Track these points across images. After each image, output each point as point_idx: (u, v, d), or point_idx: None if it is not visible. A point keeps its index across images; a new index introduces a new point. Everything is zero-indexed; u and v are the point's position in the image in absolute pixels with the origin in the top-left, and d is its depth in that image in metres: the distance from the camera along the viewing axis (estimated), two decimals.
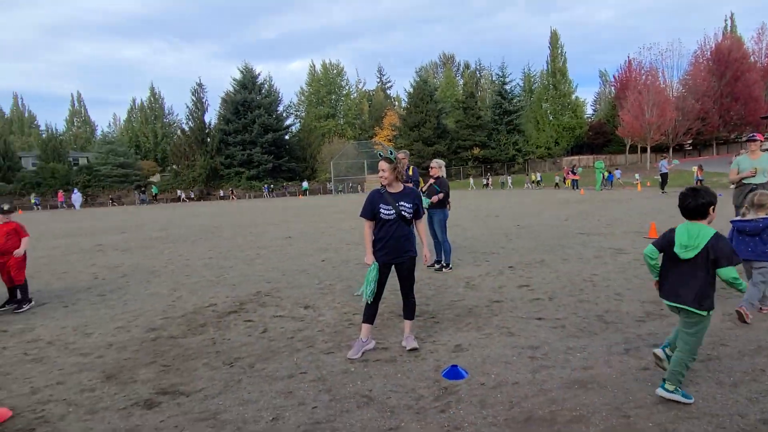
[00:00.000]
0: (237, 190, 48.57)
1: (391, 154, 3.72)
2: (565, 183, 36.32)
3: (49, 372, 3.61)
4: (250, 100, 51.45)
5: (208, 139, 52.23)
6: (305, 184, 50.19)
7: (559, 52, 54.05)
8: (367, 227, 3.74)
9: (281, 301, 5.47)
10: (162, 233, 14.07)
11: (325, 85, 64.32)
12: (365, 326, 3.75)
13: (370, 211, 3.70)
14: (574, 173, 33.30)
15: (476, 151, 53.68)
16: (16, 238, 5.47)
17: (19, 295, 5.52)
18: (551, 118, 53.58)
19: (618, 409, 2.66)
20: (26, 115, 61.81)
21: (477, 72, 72.99)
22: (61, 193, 41.34)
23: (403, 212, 3.66)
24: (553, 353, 3.52)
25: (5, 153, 47.98)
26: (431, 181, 6.81)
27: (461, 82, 67.10)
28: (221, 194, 48.05)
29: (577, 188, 31.38)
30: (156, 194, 48.24)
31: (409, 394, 2.99)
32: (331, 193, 48.41)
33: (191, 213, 25.16)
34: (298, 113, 64.46)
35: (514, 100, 55.53)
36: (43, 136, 55.93)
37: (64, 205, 39.81)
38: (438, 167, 6.84)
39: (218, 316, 4.95)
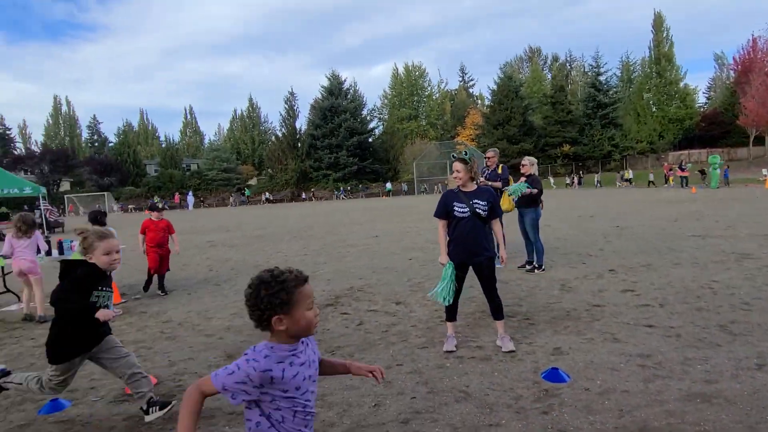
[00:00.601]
0: (324, 191, 51.09)
1: (466, 155, 3.73)
2: (667, 181, 32.74)
3: (182, 349, 4.16)
4: (336, 105, 53.80)
5: (299, 144, 55.64)
6: (389, 185, 51.20)
7: (665, 35, 48.86)
8: (440, 227, 3.79)
9: (373, 297, 5.69)
10: (261, 232, 15.32)
11: (408, 87, 64.98)
12: (449, 324, 3.85)
13: (443, 210, 3.75)
14: (683, 169, 29.84)
15: (566, 148, 50.48)
16: (167, 233, 6.47)
17: (151, 283, 6.48)
18: (654, 109, 48.58)
19: (753, 428, 2.39)
20: (149, 127, 70.95)
21: (567, 64, 68.73)
22: (177, 195, 46.84)
23: (477, 209, 3.64)
24: (667, 363, 3.25)
25: (134, 161, 55.76)
26: (522, 179, 6.61)
27: (549, 75, 63.63)
28: (303, 196, 51.03)
29: (687, 186, 28.11)
30: (249, 196, 52.55)
31: (507, 393, 2.96)
32: (414, 194, 48.81)
33: (284, 214, 26.99)
34: (381, 116, 65.90)
35: (610, 92, 51.32)
36: (163, 145, 63.80)
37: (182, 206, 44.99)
38: (529, 164, 6.62)
39: (317, 308, 5.29)
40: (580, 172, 46.58)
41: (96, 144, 63.94)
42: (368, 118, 59.24)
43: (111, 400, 3.18)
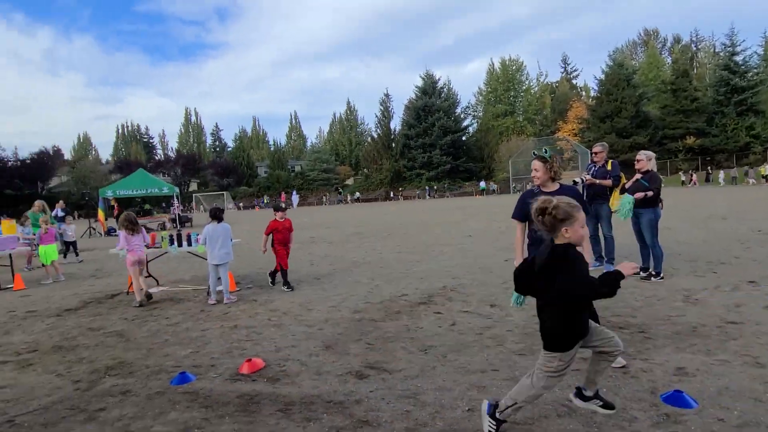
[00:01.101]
0: (414, 190, 51.53)
1: (546, 152, 3.52)
2: None
3: (286, 336, 4.48)
4: (430, 104, 53.82)
5: (393, 144, 56.75)
6: (482, 183, 49.85)
7: None
8: (518, 230, 3.60)
9: (467, 297, 5.57)
10: (358, 229, 15.91)
11: (504, 82, 62.56)
12: None
13: (521, 212, 3.54)
14: None
15: (690, 140, 44.38)
16: (290, 231, 6.81)
17: (275, 277, 6.88)
18: None
19: None
20: (260, 133, 77.93)
21: (692, 45, 60.46)
22: (283, 194, 50.84)
23: None
24: None
25: (248, 164, 61.80)
26: (637, 176, 5.95)
27: (669, 60, 56.51)
28: (391, 195, 51.91)
29: None
30: (342, 194, 54.97)
31: (618, 413, 2.68)
32: (509, 192, 46.85)
33: (378, 212, 27.71)
34: (476, 113, 64.35)
35: (749, 74, 43.94)
36: (271, 149, 69.65)
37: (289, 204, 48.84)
38: (646, 159, 5.93)
39: (410, 306, 5.34)
40: (709, 167, 40.58)
41: (217, 149, 71.98)
42: (462, 116, 58.27)
43: (227, 378, 3.54)
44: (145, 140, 71.73)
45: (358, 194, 53.50)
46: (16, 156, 50.58)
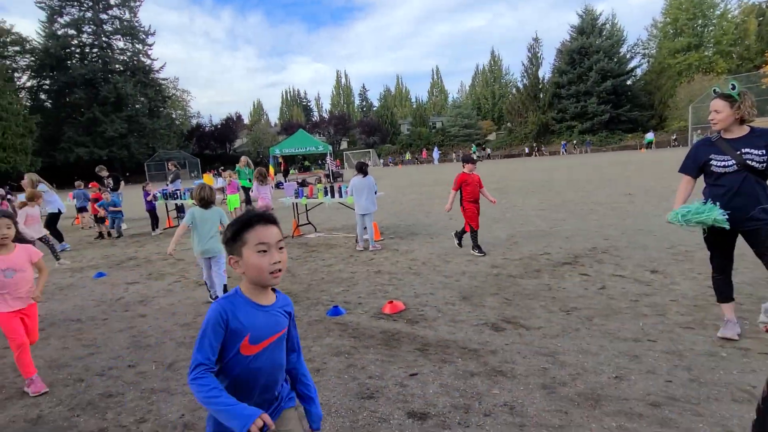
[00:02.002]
0: (559, 146, 46.91)
1: (734, 89, 2.75)
2: None
3: (424, 284, 4.70)
4: (587, 45, 47.20)
5: (541, 95, 52.00)
6: (649, 135, 42.64)
7: None
8: (683, 184, 3.03)
9: (621, 261, 5.01)
10: (498, 185, 15.37)
11: (688, 9, 50.88)
12: (725, 306, 3.05)
13: (693, 165, 2.94)
14: None
15: None
16: (480, 187, 5.89)
17: (461, 238, 6.23)
18: None
19: None
20: (403, 90, 79.08)
21: None
22: (424, 150, 51.56)
23: (749, 160, 2.69)
24: None
25: (391, 122, 64.00)
26: None
27: None
28: (526, 150, 47.82)
29: None
30: (474, 151, 52.88)
31: None
32: (687, 145, 39.24)
33: (520, 168, 26.17)
34: (647, 51, 54.26)
35: None
36: (414, 106, 70.54)
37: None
38: None
39: (553, 265, 5.04)
40: None
41: (364, 108, 75.78)
42: (627, 56, 49.74)
43: (372, 315, 3.91)
44: (303, 103, 79.32)
45: (489, 151, 50.96)
46: (211, 122, 61.97)
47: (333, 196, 7.74)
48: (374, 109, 74.36)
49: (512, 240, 6.53)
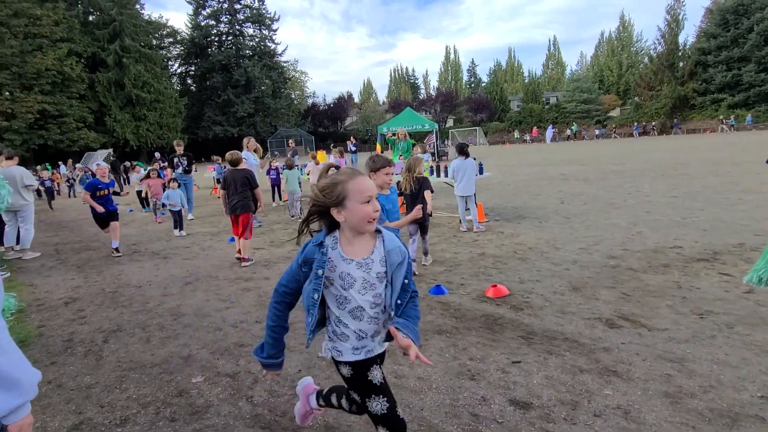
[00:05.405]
0: (700, 122, 40.15)
1: None
2: None
3: (530, 270, 4.51)
4: (748, 2, 39.20)
5: (680, 63, 44.90)
6: None
7: None
8: None
9: None
10: (619, 167, 13.88)
11: None
12: None
13: None
14: None
15: None
16: None
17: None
18: None
19: None
20: (515, 65, 74.39)
21: None
22: (535, 129, 48.41)
23: None
24: None
25: (500, 98, 60.93)
26: None
27: None
28: (640, 130, 41.53)
29: None
30: (575, 130, 47.47)
31: None
32: None
33: (649, 148, 23.17)
34: None
35: None
36: (526, 80, 66.16)
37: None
38: None
39: (684, 261, 4.46)
40: None
41: (472, 85, 73.20)
42: None
43: (474, 298, 3.88)
44: (411, 81, 79.25)
45: (599, 130, 45.49)
46: (324, 101, 65.72)
47: (439, 175, 7.71)
48: (483, 85, 71.37)
49: (635, 229, 5.89)
